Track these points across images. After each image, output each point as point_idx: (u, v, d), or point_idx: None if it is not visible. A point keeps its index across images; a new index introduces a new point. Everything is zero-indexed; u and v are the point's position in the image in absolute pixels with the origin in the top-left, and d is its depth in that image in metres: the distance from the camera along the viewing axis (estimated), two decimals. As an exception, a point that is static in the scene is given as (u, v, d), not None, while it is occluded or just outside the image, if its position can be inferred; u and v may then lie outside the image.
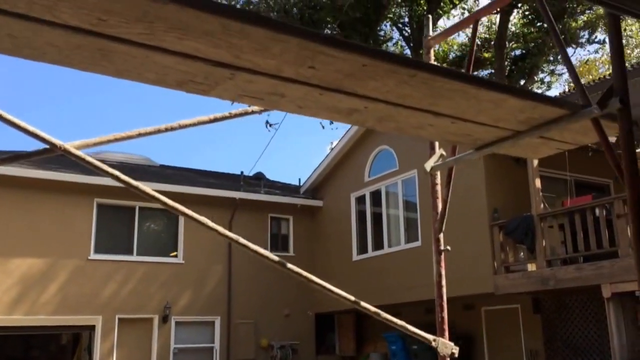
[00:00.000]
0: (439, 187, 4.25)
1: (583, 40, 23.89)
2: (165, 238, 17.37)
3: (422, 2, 22.80)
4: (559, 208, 12.22)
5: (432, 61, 4.52)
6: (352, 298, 3.45)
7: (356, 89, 2.79)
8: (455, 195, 13.74)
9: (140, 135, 3.16)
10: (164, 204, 3.23)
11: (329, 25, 21.81)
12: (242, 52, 2.46)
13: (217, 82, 2.72)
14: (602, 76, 15.57)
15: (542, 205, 12.25)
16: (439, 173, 4.23)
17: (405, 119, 3.13)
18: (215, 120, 3.35)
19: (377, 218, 16.69)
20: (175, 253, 17.21)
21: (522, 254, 12.73)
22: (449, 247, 4.10)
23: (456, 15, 24.83)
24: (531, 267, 12.30)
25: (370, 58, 2.52)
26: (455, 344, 13.60)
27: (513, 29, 24.13)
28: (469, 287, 13.27)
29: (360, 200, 17.35)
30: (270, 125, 25.32)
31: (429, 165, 3.85)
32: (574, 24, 22.21)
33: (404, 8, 23.79)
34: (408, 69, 2.61)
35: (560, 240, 11.93)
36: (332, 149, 18.52)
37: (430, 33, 4.34)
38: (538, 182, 12.29)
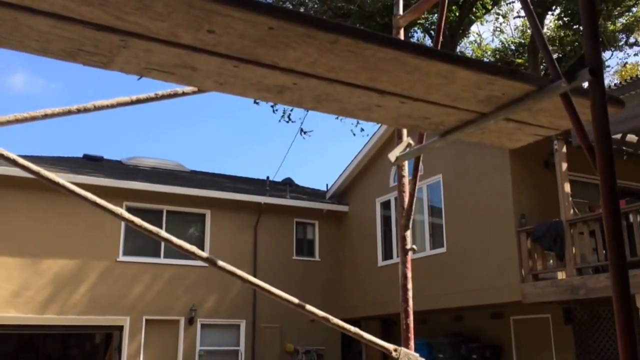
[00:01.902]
0: (405, 180, 3.82)
1: (621, 43, 22.94)
2: (192, 241, 17.26)
3: (454, 7, 22.22)
4: (590, 214, 11.56)
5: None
6: (296, 301, 3.07)
7: (276, 59, 2.41)
8: (481, 200, 13.45)
9: (46, 116, 2.83)
10: (94, 203, 2.88)
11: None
12: (121, 12, 2.11)
13: (111, 51, 2.37)
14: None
15: (571, 211, 11.63)
16: (406, 164, 3.79)
17: (347, 98, 2.73)
18: (139, 101, 3.00)
19: (402, 223, 16.24)
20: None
21: (551, 261, 12.13)
22: (414, 247, 3.65)
23: (490, 21, 24.19)
24: (561, 275, 11.71)
25: (275, 19, 2.13)
26: (483, 354, 12.95)
27: (548, 32, 23.29)
28: (496, 295, 12.80)
29: (386, 205, 16.97)
30: (305, 133, 25.19)
31: (393, 155, 3.43)
32: (611, 27, 21.32)
33: (435, 15, 23.29)
34: (326, 34, 2.22)
35: (591, 248, 11.28)
36: (357, 155, 18.18)
37: (400, 12, 3.91)
38: (567, 187, 11.69)
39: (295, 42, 2.28)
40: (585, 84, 2.52)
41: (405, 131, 3.83)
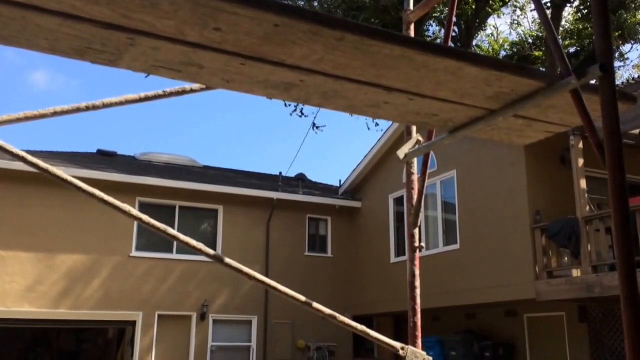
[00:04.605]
0: (415, 177, 3.80)
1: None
2: (205, 237, 17.32)
3: (470, 0, 22.04)
4: (606, 210, 11.43)
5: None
6: (303, 299, 3.08)
7: (282, 57, 2.41)
8: (496, 196, 13.35)
9: (55, 114, 2.85)
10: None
11: (374, 27, 21.43)
12: (128, 11, 2.12)
13: (119, 49, 2.38)
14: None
15: (587, 208, 11.50)
16: (415, 161, 3.77)
17: (355, 95, 2.72)
18: (147, 99, 3.01)
19: (415, 220, 16.18)
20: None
21: (566, 258, 12.00)
22: (423, 245, 3.64)
23: (507, 14, 23.98)
24: (576, 273, 11.59)
25: (280, 16, 2.13)
26: (496, 352, 12.83)
27: (567, 25, 23.05)
28: (510, 292, 12.71)
29: (399, 201, 16.87)
30: (317, 128, 25.15)
31: (402, 152, 3.41)
32: (632, 19, 21.04)
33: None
34: (332, 31, 2.21)
35: (607, 245, 11.14)
36: (370, 150, 18.11)
37: (411, 7, 3.89)
38: (584, 183, 11.56)
39: (301, 40, 2.28)
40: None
41: (414, 128, 3.81)
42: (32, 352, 20.16)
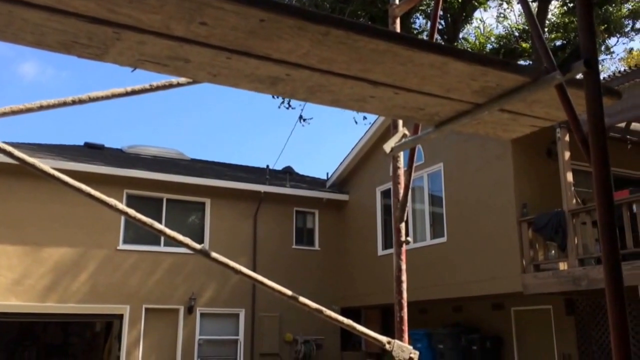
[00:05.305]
0: (401, 171, 3.81)
1: (628, 29, 22.77)
2: (192, 229, 17.31)
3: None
4: (592, 204, 11.50)
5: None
6: (289, 293, 3.08)
7: (268, 51, 2.42)
8: (482, 189, 13.40)
9: (41, 107, 2.84)
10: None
11: (361, 19, 21.41)
12: (114, 5, 2.12)
13: (105, 44, 2.38)
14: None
15: (574, 201, 11.56)
16: (401, 155, 3.79)
17: (341, 89, 2.74)
18: (134, 92, 3.00)
19: (403, 212, 16.22)
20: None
21: (552, 251, 12.07)
22: (409, 239, 3.66)
23: (494, 7, 24.03)
24: (562, 266, 11.64)
25: (266, 11, 2.14)
26: (483, 345, 12.86)
27: (553, 19, 23.12)
28: (497, 286, 12.76)
29: (386, 194, 16.88)
30: (304, 120, 25.14)
31: (388, 145, 3.43)
32: (618, 13, 21.14)
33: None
34: (317, 26, 2.22)
35: (593, 238, 11.20)
36: (357, 143, 18.11)
37: (397, 1, 3.90)
38: (570, 176, 11.61)
39: (287, 34, 2.29)
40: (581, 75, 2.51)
41: (400, 122, 3.83)
42: (19, 346, 20.09)
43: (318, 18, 2.21)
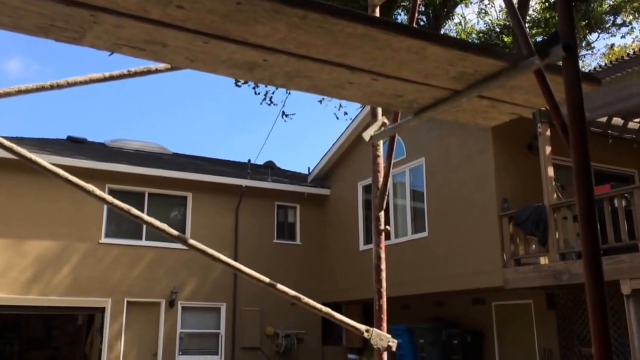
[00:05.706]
0: (380, 160, 3.81)
1: (609, 24, 22.95)
2: (174, 224, 17.24)
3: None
4: (573, 198, 11.55)
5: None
6: (267, 280, 3.07)
7: (245, 35, 2.40)
8: (463, 184, 13.44)
9: (20, 92, 2.80)
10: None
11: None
12: (88, -15, 2.09)
13: (82, 27, 2.35)
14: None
15: (555, 195, 11.62)
16: (381, 144, 3.78)
17: (318, 75, 2.72)
18: (112, 78, 2.97)
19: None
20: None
21: (533, 246, 12.11)
22: (388, 227, 3.66)
23: (475, 3, 24.11)
24: (543, 260, 11.67)
25: (242, -7, 2.11)
26: (464, 339, 12.87)
27: (534, 14, 23.27)
28: (477, 280, 12.80)
29: (367, 189, 16.87)
30: (286, 116, 25.16)
31: (368, 134, 3.42)
32: (599, 8, 21.28)
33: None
34: (294, 9, 2.20)
35: (574, 233, 11.25)
36: (338, 138, 18.12)
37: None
38: (551, 171, 11.65)
39: (263, 18, 2.27)
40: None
41: (379, 110, 3.82)
42: (2, 339, 19.99)
43: (295, 1, 2.20)
